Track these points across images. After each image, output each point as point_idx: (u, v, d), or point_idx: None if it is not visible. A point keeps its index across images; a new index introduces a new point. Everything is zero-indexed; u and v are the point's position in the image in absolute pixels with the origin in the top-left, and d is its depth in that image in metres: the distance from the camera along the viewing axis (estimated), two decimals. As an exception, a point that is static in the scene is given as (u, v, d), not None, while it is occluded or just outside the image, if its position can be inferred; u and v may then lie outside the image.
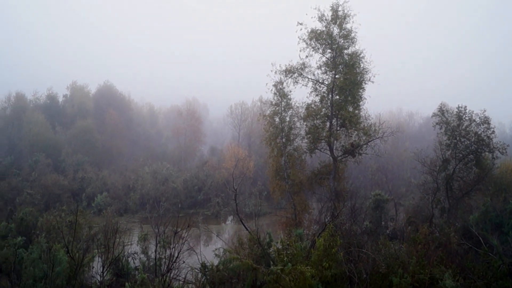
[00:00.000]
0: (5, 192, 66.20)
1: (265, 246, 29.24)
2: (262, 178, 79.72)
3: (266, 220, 59.53)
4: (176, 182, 77.82)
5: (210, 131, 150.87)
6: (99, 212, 62.92)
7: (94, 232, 38.67)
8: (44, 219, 44.04)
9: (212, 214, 69.68)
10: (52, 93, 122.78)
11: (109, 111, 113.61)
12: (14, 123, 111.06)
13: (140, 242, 36.76)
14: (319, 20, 45.18)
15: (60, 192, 70.29)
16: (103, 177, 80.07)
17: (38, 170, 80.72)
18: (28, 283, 26.26)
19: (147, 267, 33.12)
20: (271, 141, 47.45)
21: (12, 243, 36.31)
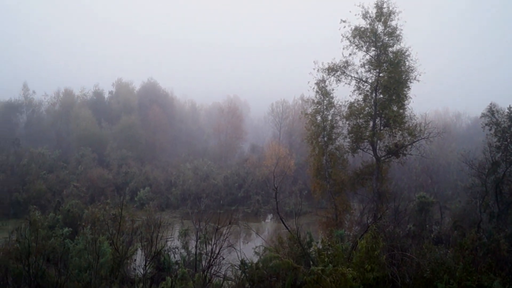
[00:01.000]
0: (53, 184, 68.26)
1: (305, 245, 28.99)
2: (303, 177, 79.23)
3: (306, 220, 59.12)
4: (216, 178, 78.29)
5: (251, 128, 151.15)
6: (142, 206, 63.84)
7: (137, 225, 39.19)
8: (89, 212, 45.06)
9: (252, 212, 69.76)
10: (98, 89, 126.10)
11: (152, 108, 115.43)
12: (62, 118, 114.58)
13: (181, 237, 37.09)
14: (363, 18, 44.47)
15: (104, 186, 71.89)
16: (145, 172, 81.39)
17: (84, 164, 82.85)
18: (74, 272, 26.85)
19: (188, 262, 33.34)
20: (313, 139, 47.05)
21: (59, 234, 37.28)
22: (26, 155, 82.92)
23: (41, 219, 40.96)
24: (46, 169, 78.17)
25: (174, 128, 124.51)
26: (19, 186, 66.35)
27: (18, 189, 65.30)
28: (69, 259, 29.25)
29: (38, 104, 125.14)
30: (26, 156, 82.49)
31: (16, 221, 51.83)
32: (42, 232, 33.81)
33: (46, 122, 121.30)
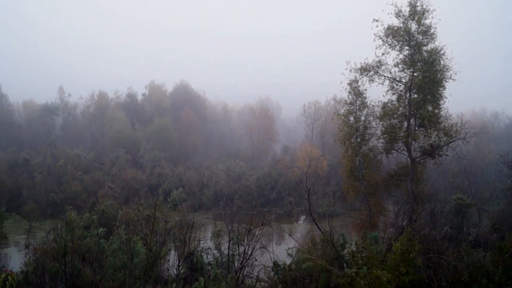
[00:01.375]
0: (89, 185, 69.47)
1: (339, 247, 28.66)
2: (335, 178, 78.58)
3: (340, 221, 58.59)
4: (249, 180, 78.34)
5: (283, 129, 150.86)
6: (175, 207, 64.33)
7: (170, 226, 39.45)
8: (123, 212, 45.61)
9: (284, 213, 69.51)
10: (131, 92, 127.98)
11: (184, 109, 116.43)
12: (97, 120, 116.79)
13: (213, 238, 37.14)
14: (396, 16, 43.81)
15: (138, 187, 72.78)
16: (178, 173, 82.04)
17: (119, 165, 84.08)
18: (109, 272, 27.20)
19: (220, 263, 33.37)
20: (346, 140, 46.61)
21: (94, 234, 37.83)
22: (62, 157, 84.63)
23: (77, 219, 41.67)
24: (82, 170, 79.59)
25: (206, 130, 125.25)
26: (56, 187, 67.81)
27: (54, 189, 66.73)
28: (104, 259, 29.65)
29: (74, 107, 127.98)
30: (62, 157, 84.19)
31: (53, 221, 52.85)
32: (78, 232, 34.34)
33: (81, 124, 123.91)
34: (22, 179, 70.79)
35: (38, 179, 69.93)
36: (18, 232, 54.02)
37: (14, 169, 76.56)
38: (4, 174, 68.83)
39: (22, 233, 53.01)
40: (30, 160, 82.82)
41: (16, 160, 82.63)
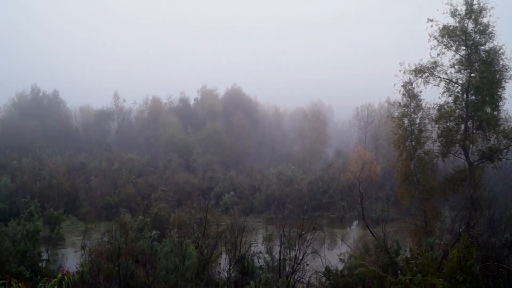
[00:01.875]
0: (142, 189, 70.83)
1: (393, 253, 27.96)
2: (389, 182, 77.03)
3: (394, 227, 57.35)
4: (301, 184, 77.86)
5: (335, 133, 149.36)
6: (226, 211, 64.64)
7: (222, 229, 39.63)
8: (176, 215, 46.13)
9: (336, 218, 68.69)
10: (184, 96, 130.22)
11: (236, 113, 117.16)
12: (150, 125, 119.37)
13: (265, 242, 37.01)
14: (451, 16, 42.54)
15: (191, 190, 73.58)
16: (230, 177, 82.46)
17: (172, 169, 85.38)
18: (161, 274, 27.54)
19: (271, 267, 33.21)
20: (400, 144, 45.58)
21: (147, 236, 38.43)
22: (117, 160, 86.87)
23: (131, 221, 42.37)
24: (136, 173, 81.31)
25: (258, 134, 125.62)
26: (111, 190, 69.52)
27: (110, 192, 68.42)
28: (156, 261, 30.07)
29: (128, 112, 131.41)
30: (117, 161, 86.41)
31: (108, 223, 54.13)
32: (131, 234, 34.96)
33: (135, 128, 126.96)
34: (79, 182, 72.90)
35: (94, 182, 71.93)
36: (74, 234, 55.56)
37: (71, 172, 78.86)
38: (62, 178, 71.03)
39: (79, 234, 54.45)
40: (87, 164, 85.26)
41: (74, 164, 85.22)
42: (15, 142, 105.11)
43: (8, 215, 54.32)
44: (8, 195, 62.19)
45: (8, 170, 75.95)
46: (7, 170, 76.11)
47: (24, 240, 35.28)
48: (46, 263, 36.35)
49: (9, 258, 30.72)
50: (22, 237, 35.66)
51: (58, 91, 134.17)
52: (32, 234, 36.27)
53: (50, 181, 68.63)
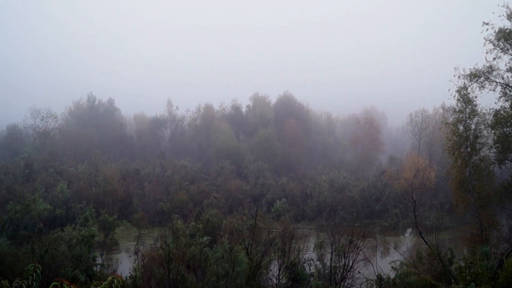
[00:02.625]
0: (195, 195, 71.91)
1: (446, 262, 27.42)
2: (444, 189, 75.21)
3: (448, 235, 55.89)
4: (353, 191, 77.09)
5: (388, 139, 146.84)
6: (278, 218, 64.77)
7: (273, 236, 39.82)
8: (227, 222, 46.70)
9: (389, 225, 67.55)
10: (236, 104, 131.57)
11: (288, 120, 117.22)
12: (203, 132, 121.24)
13: (316, 249, 37.00)
14: (508, 18, 41.38)
15: (242, 197, 74.16)
16: (282, 184, 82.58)
17: (223, 176, 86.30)
18: (212, 280, 27.96)
19: (322, 274, 33.17)
20: (455, 150, 44.61)
21: (199, 242, 39.06)
22: (170, 167, 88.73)
23: (183, 227, 43.18)
24: (188, 180, 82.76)
25: (310, 140, 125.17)
26: (164, 196, 71.02)
27: (163, 198, 69.91)
28: (207, 267, 30.52)
29: (181, 119, 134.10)
30: (170, 168, 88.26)
31: (161, 228, 55.27)
32: (183, 240, 35.66)
33: (188, 135, 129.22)
34: (133, 189, 74.78)
35: (147, 189, 73.66)
36: (128, 239, 56.98)
37: (125, 179, 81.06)
38: (116, 184, 73.18)
39: (132, 240, 55.71)
40: (140, 171, 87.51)
41: (128, 171, 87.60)
42: (71, 149, 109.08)
43: (65, 220, 56.51)
44: (65, 201, 64.56)
45: (65, 177, 79.01)
46: (64, 177, 79.20)
47: (80, 244, 36.58)
48: (100, 268, 37.61)
49: (65, 262, 31.74)
50: (77, 241, 37.00)
51: (113, 99, 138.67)
52: (87, 239, 37.60)
53: (105, 187, 70.81)
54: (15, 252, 33.60)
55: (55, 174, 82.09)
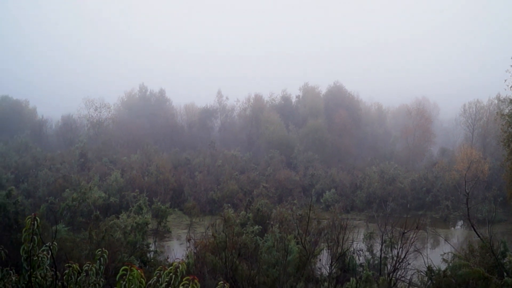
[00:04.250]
0: (245, 184, 72.71)
1: (499, 255, 27.05)
2: (498, 182, 73.28)
3: (501, 228, 54.65)
4: (403, 182, 76.21)
5: (440, 131, 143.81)
6: (327, 208, 64.75)
7: (322, 226, 40.08)
8: (277, 211, 47.13)
9: (440, 218, 66.51)
10: (286, 94, 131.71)
11: (338, 111, 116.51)
12: (252, 122, 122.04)
13: (365, 240, 37.02)
14: None
15: (292, 187, 74.51)
16: (331, 175, 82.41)
17: (273, 166, 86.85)
18: (263, 268, 28.53)
19: (372, 265, 33.23)
20: (510, 142, 43.62)
21: (250, 231, 39.75)
22: (220, 157, 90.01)
23: (234, 216, 43.89)
24: (238, 170, 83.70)
25: (360, 131, 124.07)
26: (214, 186, 72.27)
27: (213, 188, 71.13)
28: (258, 255, 31.11)
29: (231, 109, 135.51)
30: (220, 157, 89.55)
31: (212, 217, 56.32)
32: (234, 229, 36.39)
33: (238, 126, 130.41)
34: (184, 178, 76.27)
35: (198, 178, 75.06)
36: (180, 227, 58.30)
37: (177, 168, 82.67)
38: (168, 173, 74.80)
39: (184, 227, 57.03)
40: (191, 160, 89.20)
41: (179, 160, 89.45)
42: (124, 139, 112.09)
43: (119, 208, 58.36)
44: (119, 189, 66.52)
45: (118, 166, 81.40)
46: (117, 166, 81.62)
47: (134, 231, 37.87)
48: (153, 254, 38.82)
49: (121, 248, 32.85)
50: (132, 229, 38.31)
51: (164, 90, 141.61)
52: (141, 227, 38.87)
53: (157, 176, 72.58)
54: (73, 238, 34.87)
55: (108, 163, 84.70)
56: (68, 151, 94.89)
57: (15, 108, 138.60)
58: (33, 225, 7.83)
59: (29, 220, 7.87)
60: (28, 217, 7.89)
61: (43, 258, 8.05)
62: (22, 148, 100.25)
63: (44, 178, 69.82)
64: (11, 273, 8.37)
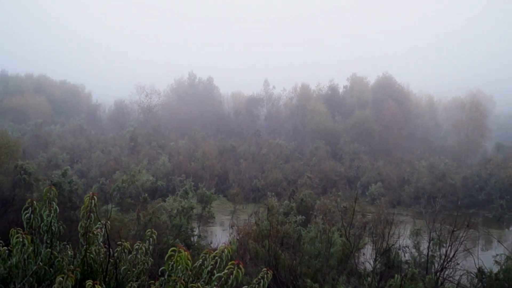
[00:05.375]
0: (289, 174, 72.44)
1: (559, 260, 25.41)
2: (558, 181, 69.98)
3: (560, 230, 52.06)
4: (454, 178, 73.71)
5: (496, 126, 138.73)
6: (372, 201, 63.50)
7: (367, 220, 39.13)
8: (321, 202, 46.31)
9: (493, 217, 63.91)
10: (333, 84, 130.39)
11: (387, 102, 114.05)
12: (298, 111, 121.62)
13: (412, 236, 35.79)
14: None
15: (336, 178, 73.51)
16: (378, 167, 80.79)
17: (318, 156, 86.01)
18: (305, 259, 27.94)
19: (418, 263, 32.08)
20: None
21: (292, 221, 39.20)
22: (265, 145, 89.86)
23: (277, 205, 43.48)
24: (283, 159, 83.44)
25: (409, 124, 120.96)
26: (259, 174, 72.25)
27: (257, 176, 71.12)
28: (301, 245, 30.50)
29: (277, 98, 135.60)
30: (265, 146, 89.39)
31: (255, 205, 56.12)
32: (277, 218, 35.87)
33: (283, 115, 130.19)
34: (229, 165, 76.89)
35: (243, 165, 75.22)
36: (223, 213, 58.60)
37: (222, 155, 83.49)
38: (214, 159, 75.63)
39: (227, 214, 57.46)
40: (237, 147, 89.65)
41: (225, 147, 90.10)
42: (172, 125, 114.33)
43: (165, 192, 59.26)
44: (166, 173, 67.83)
45: (166, 151, 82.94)
46: (165, 150, 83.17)
47: (180, 215, 38.08)
48: (197, 238, 38.97)
49: (166, 231, 33.29)
50: (177, 212, 38.54)
51: (212, 78, 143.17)
52: (186, 211, 39.06)
53: (203, 162, 73.44)
54: (122, 218, 35.64)
55: (157, 148, 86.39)
56: (120, 135, 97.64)
57: (72, 92, 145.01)
58: (90, 203, 8.27)
59: (87, 199, 8.29)
60: (86, 196, 8.33)
61: (97, 235, 8.54)
62: (78, 130, 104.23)
63: (97, 160, 72.90)
64: (68, 247, 8.90)
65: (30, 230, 8.13)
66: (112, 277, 8.57)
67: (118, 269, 8.62)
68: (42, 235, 8.30)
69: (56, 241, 8.56)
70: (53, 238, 8.42)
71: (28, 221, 8.19)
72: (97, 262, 8.56)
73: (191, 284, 7.39)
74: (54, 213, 8.29)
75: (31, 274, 7.67)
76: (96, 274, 8.47)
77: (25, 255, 7.54)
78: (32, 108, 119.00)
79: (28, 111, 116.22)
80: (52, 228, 8.34)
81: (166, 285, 7.53)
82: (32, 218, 8.18)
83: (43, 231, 8.28)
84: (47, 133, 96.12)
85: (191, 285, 7.36)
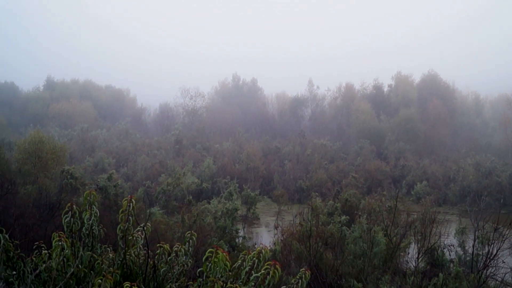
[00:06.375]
0: (333, 174, 72.50)
1: None
2: None
3: None
4: (501, 176, 72.47)
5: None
6: (418, 200, 63.11)
7: (412, 219, 39.29)
8: (365, 202, 46.57)
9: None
10: (377, 83, 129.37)
11: (432, 100, 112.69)
12: (343, 111, 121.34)
13: (457, 235, 35.90)
14: None
15: (381, 178, 73.16)
16: (423, 166, 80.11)
17: (363, 156, 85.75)
18: (349, 258, 28.58)
19: (463, 261, 32.23)
20: None
21: (337, 221, 39.80)
22: (310, 146, 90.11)
23: (321, 205, 43.95)
24: (328, 159, 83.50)
25: (455, 122, 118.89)
26: (303, 174, 72.56)
27: (302, 176, 71.45)
28: (344, 245, 31.10)
29: (321, 99, 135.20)
30: (310, 146, 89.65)
31: (299, 205, 56.65)
32: (322, 218, 36.58)
33: (328, 115, 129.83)
34: (274, 166, 77.43)
35: (287, 166, 75.79)
36: (268, 214, 59.13)
37: (267, 156, 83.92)
38: (258, 161, 76.19)
39: (272, 215, 57.78)
40: (281, 149, 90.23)
41: (269, 148, 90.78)
42: (217, 127, 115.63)
43: (210, 194, 60.45)
44: (211, 175, 68.88)
45: (210, 153, 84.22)
46: (209, 153, 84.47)
47: (224, 217, 39.21)
48: (242, 240, 39.97)
49: (211, 232, 34.21)
50: (222, 214, 39.70)
51: (256, 79, 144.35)
52: (231, 212, 40.17)
53: (247, 164, 74.20)
54: (167, 220, 36.54)
55: (202, 150, 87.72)
56: (165, 138, 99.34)
57: (117, 97, 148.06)
58: (129, 206, 8.40)
59: (126, 202, 8.45)
60: (124, 199, 8.48)
61: (137, 238, 8.71)
62: (123, 134, 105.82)
63: (142, 163, 73.91)
64: (109, 250, 9.09)
65: (70, 234, 8.33)
66: (151, 279, 8.83)
67: (157, 271, 8.85)
68: (83, 238, 8.52)
69: (97, 244, 8.77)
70: (94, 241, 8.63)
71: (68, 225, 8.37)
72: (137, 265, 8.84)
73: (229, 285, 7.71)
74: (95, 217, 8.51)
75: (71, 276, 7.91)
76: (136, 276, 8.76)
77: (64, 258, 7.81)
78: (78, 113, 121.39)
79: (74, 116, 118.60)
80: (93, 231, 8.57)
81: (204, 286, 7.80)
82: (72, 222, 8.36)
83: (84, 234, 8.50)
84: (93, 137, 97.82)
85: (230, 285, 7.68)
